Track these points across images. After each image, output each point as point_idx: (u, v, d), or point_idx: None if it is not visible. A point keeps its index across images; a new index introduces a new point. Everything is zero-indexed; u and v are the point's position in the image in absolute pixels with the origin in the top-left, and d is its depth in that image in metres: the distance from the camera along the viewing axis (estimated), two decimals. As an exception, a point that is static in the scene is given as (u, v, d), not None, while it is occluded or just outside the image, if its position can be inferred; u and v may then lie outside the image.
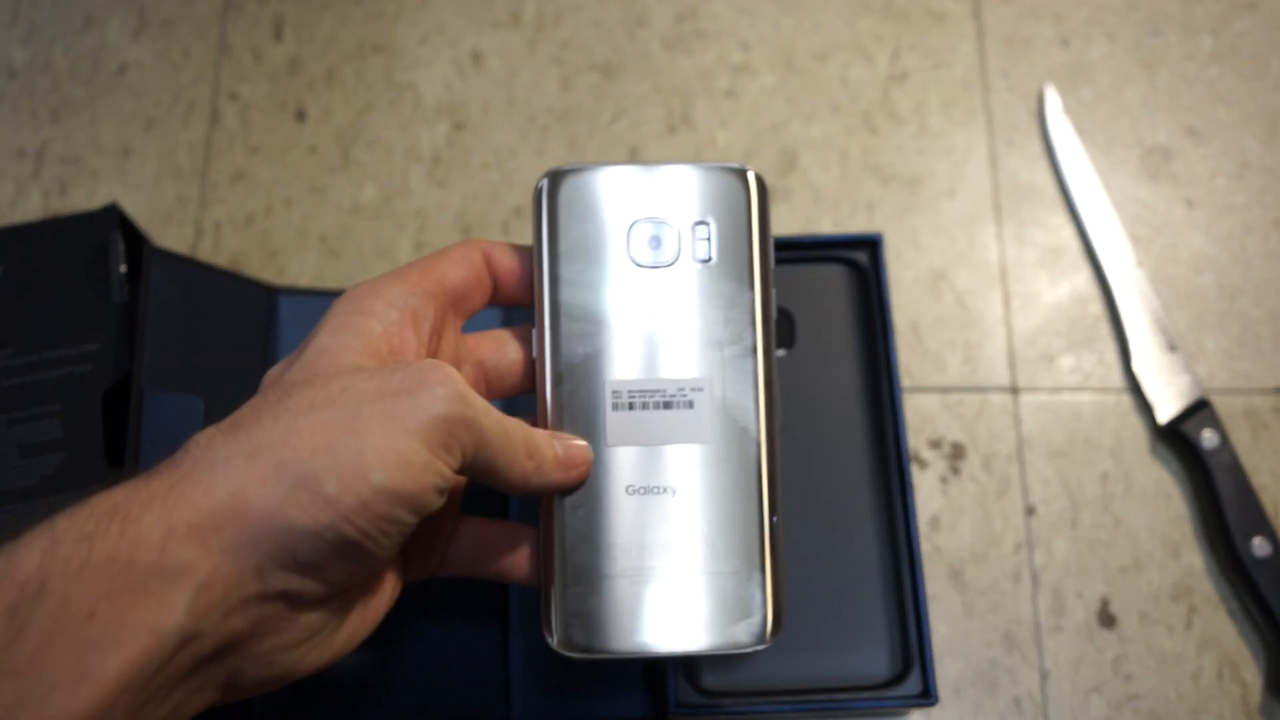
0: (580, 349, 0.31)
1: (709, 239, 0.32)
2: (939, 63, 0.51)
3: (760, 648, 0.30)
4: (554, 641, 0.30)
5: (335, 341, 0.27)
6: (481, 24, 0.52)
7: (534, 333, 0.32)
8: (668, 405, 0.31)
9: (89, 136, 0.50)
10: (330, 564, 0.25)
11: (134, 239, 0.41)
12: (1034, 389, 0.46)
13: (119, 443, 0.37)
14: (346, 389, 0.25)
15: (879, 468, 0.41)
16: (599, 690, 0.38)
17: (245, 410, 0.26)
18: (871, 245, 0.43)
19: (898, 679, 0.38)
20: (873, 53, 0.51)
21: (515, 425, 0.28)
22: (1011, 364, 0.46)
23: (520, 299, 0.32)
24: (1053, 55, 0.51)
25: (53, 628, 0.21)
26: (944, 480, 0.44)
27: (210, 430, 0.25)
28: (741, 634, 0.30)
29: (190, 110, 0.51)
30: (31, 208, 0.49)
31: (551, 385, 0.31)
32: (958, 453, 0.45)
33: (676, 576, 0.30)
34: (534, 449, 0.28)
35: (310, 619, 0.26)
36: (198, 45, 0.52)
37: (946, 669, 0.42)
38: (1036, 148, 0.50)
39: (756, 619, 0.30)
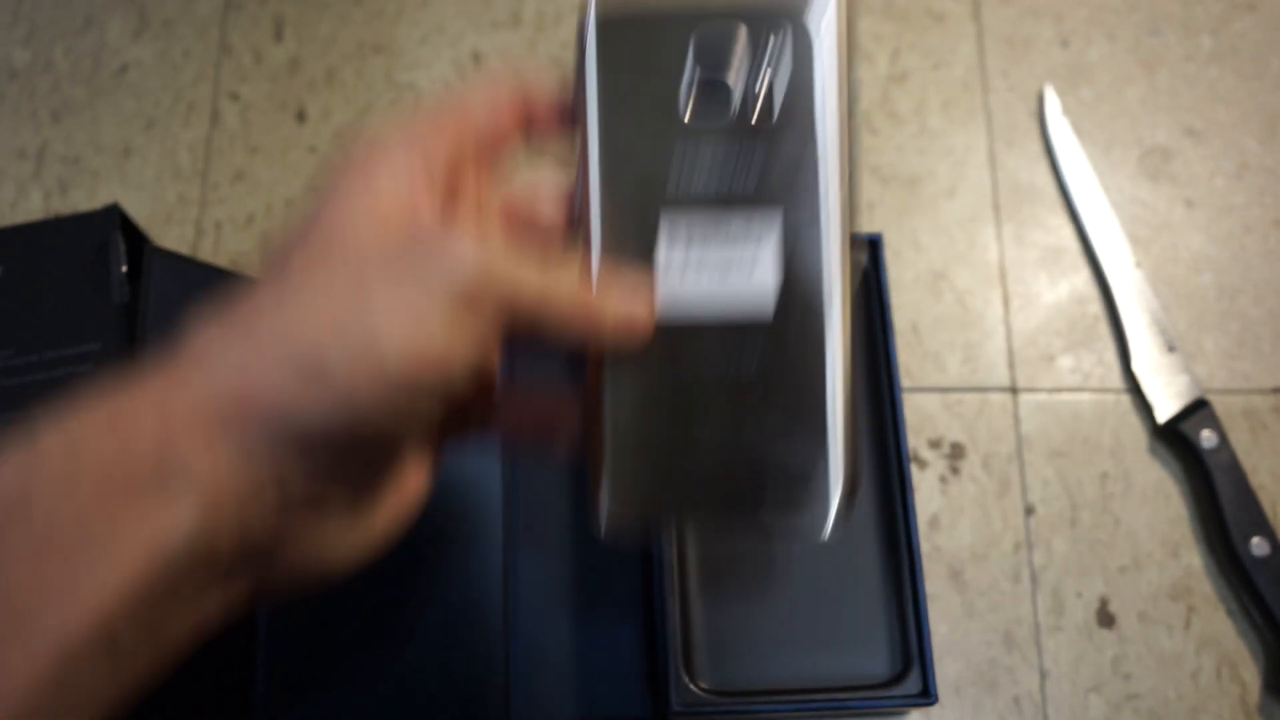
0: (628, 213, 0.27)
1: (780, 88, 0.27)
2: (939, 63, 0.51)
3: (825, 535, 0.27)
4: (603, 515, 0.27)
5: (337, 212, 0.24)
6: (481, 24, 0.52)
7: (576, 189, 0.27)
8: (726, 277, 0.27)
9: (89, 137, 0.50)
10: (349, 456, 0.23)
11: (135, 239, 0.41)
12: (1033, 389, 0.46)
13: (120, 443, 0.37)
14: (350, 264, 0.22)
15: (879, 468, 0.41)
16: (599, 690, 0.38)
17: (244, 299, 0.23)
18: (871, 245, 0.43)
19: (897, 678, 0.38)
20: (873, 53, 0.51)
21: (563, 276, 0.24)
22: (1011, 364, 0.46)
23: (558, 139, 0.28)
24: (1052, 55, 0.51)
25: (40, 546, 0.19)
26: (944, 480, 0.45)
27: (208, 324, 0.23)
28: (808, 516, 0.27)
29: (191, 110, 0.51)
30: (32, 208, 0.49)
31: (597, 251, 0.26)
32: (957, 453, 0.45)
33: (738, 457, 0.27)
34: (585, 302, 0.25)
35: (338, 516, 0.24)
36: (198, 45, 0.52)
37: (946, 669, 0.42)
38: (1036, 148, 0.50)
39: (822, 500, 0.27)
